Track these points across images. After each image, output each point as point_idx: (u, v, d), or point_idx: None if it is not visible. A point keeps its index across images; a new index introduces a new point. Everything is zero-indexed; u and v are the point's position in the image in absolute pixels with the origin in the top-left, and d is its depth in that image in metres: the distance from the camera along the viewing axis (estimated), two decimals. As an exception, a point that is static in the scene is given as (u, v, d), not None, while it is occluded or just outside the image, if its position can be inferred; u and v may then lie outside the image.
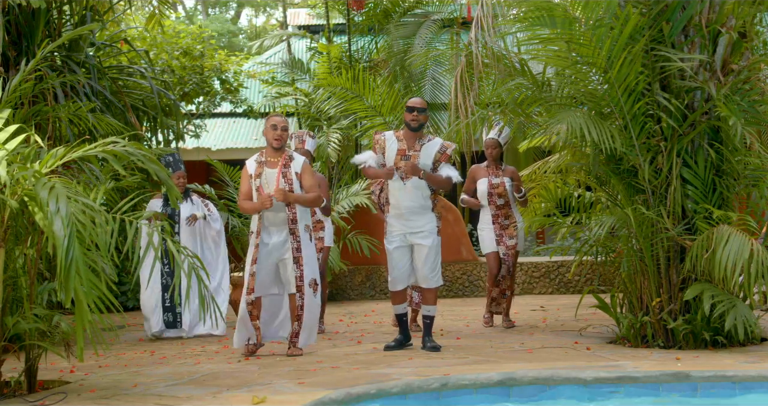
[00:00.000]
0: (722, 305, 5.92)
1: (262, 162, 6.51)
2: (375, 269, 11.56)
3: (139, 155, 4.95)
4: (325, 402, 4.46)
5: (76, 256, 4.20)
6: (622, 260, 6.81)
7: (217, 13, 35.35)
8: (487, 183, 7.96)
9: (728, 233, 5.78)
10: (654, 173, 6.41)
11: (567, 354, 6.05)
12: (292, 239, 6.40)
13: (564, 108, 6.71)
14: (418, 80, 14.04)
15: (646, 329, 6.42)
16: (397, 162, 6.53)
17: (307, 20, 19.21)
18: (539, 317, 8.59)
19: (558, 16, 6.32)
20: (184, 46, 12.75)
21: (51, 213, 4.24)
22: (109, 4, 9.54)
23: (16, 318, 4.92)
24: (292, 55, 15.70)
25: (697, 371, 5.09)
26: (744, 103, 6.40)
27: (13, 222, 4.80)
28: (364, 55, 14.68)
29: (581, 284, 11.18)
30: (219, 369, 5.78)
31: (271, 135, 6.48)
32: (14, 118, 5.22)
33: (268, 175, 6.44)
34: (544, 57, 6.87)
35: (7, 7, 7.39)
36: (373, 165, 6.63)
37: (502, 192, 7.95)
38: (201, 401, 4.62)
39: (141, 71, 9.08)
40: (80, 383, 5.31)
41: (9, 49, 7.60)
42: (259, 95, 16.58)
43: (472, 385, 4.93)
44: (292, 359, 6.16)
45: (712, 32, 6.42)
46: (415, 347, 6.60)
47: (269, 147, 6.52)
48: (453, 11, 14.81)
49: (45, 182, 4.42)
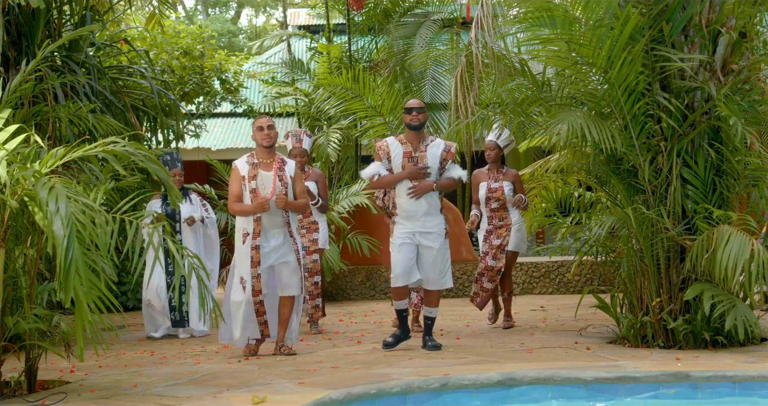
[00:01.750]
0: (722, 305, 5.91)
1: (255, 164, 6.48)
2: (375, 269, 11.56)
3: (139, 155, 4.95)
4: (325, 402, 4.46)
5: (76, 256, 4.20)
6: (622, 260, 6.81)
7: (217, 13, 35.35)
8: (485, 188, 7.89)
9: (729, 233, 5.77)
10: (654, 173, 6.41)
11: (567, 354, 6.05)
12: (291, 242, 6.42)
13: (564, 108, 6.71)
14: (418, 80, 14.05)
15: (646, 329, 6.42)
16: (404, 165, 6.52)
17: (308, 20, 19.23)
18: (539, 317, 8.59)
19: (558, 17, 6.32)
20: (184, 46, 12.75)
21: (51, 213, 4.24)
22: (109, 4, 9.54)
23: (16, 318, 4.92)
24: (292, 55, 15.71)
25: (697, 371, 5.09)
26: (744, 103, 6.40)
27: (13, 222, 4.80)
28: (364, 55, 14.69)
29: (581, 284, 11.18)
30: (219, 369, 5.78)
31: (259, 136, 6.48)
32: (14, 119, 5.22)
33: (264, 177, 6.42)
34: (544, 57, 6.88)
35: (7, 7, 7.39)
36: (384, 173, 6.57)
37: (500, 197, 7.85)
38: (201, 401, 4.62)
39: (141, 71, 9.08)
40: (80, 383, 5.31)
41: (9, 49, 7.60)
42: (259, 95, 16.59)
43: (472, 385, 4.93)
44: (292, 359, 6.16)
45: (712, 32, 6.42)
46: (416, 347, 6.60)
47: (259, 148, 6.51)
48: (453, 11, 14.82)
49: (45, 182, 4.42)
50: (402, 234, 6.52)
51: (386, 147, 6.61)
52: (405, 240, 6.50)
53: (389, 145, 6.60)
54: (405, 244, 6.50)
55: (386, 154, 6.58)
